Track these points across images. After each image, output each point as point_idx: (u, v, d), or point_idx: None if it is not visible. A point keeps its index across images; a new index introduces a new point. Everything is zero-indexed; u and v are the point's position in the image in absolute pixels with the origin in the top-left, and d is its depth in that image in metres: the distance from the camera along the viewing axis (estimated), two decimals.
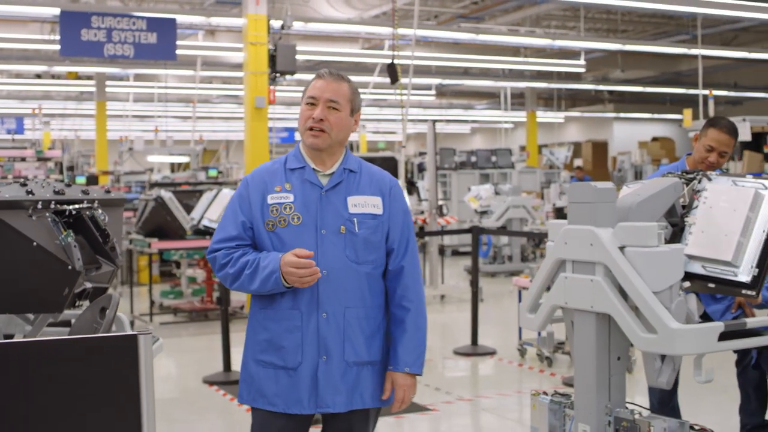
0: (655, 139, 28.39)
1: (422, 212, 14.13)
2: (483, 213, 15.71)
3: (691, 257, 3.83)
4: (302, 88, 3.68)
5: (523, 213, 15.41)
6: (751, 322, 3.63)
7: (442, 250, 17.85)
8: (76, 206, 3.75)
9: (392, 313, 3.56)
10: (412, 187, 15.06)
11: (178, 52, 14.12)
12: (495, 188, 16.37)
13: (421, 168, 21.22)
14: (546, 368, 8.43)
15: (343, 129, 3.51)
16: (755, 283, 3.65)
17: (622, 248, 3.61)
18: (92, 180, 18.50)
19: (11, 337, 4.16)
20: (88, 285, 3.78)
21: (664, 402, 5.07)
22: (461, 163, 20.94)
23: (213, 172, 16.79)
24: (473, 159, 21.36)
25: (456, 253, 19.21)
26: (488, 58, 19.60)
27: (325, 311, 3.42)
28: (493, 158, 21.01)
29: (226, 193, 10.39)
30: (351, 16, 17.01)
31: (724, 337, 3.52)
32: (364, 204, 3.51)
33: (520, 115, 28.57)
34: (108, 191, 4.14)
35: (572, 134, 34.06)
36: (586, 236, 3.71)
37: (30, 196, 3.51)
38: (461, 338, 9.76)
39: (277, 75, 11.33)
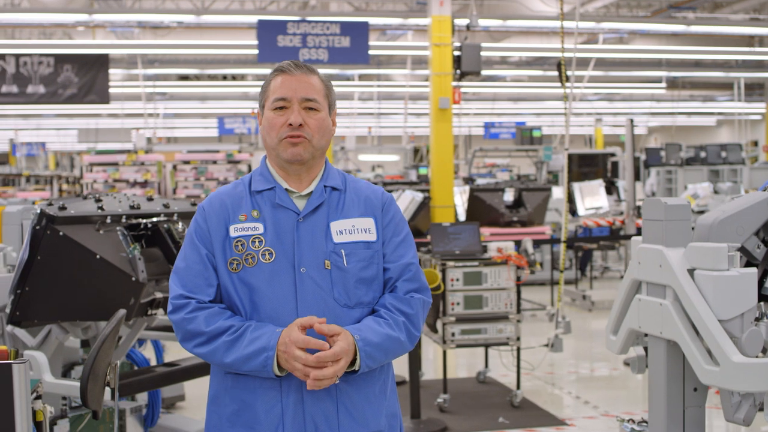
0: None
1: (621, 213, 13.61)
2: (700, 213, 14.89)
3: None
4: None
5: None
6: None
7: None
8: (153, 219, 3.93)
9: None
10: (611, 186, 14.52)
11: (386, 52, 14.37)
12: (714, 186, 15.47)
13: (647, 164, 20.36)
14: None
15: (326, 133, 2.80)
16: None
17: (692, 271, 3.33)
18: None
19: (88, 342, 4.42)
20: (159, 295, 3.95)
21: None
22: (689, 159, 19.96)
23: (423, 170, 16.88)
24: (702, 154, 20.30)
25: None
26: (714, 49, 18.56)
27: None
28: (723, 154, 19.86)
29: (408, 195, 10.29)
30: (565, 11, 16.61)
31: None
32: (353, 230, 2.76)
33: (760, 107, 26.89)
34: (194, 203, 4.31)
35: None
36: (656, 257, 3.47)
37: (99, 211, 3.71)
38: None
39: (462, 75, 11.30)
